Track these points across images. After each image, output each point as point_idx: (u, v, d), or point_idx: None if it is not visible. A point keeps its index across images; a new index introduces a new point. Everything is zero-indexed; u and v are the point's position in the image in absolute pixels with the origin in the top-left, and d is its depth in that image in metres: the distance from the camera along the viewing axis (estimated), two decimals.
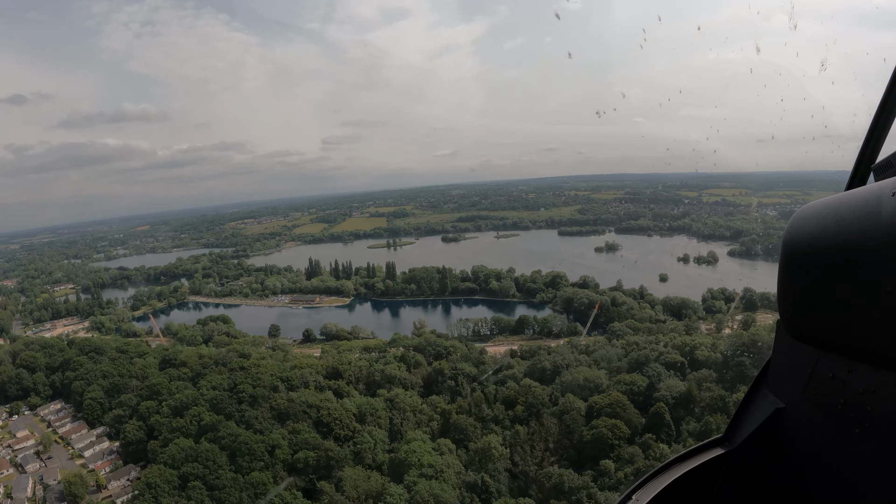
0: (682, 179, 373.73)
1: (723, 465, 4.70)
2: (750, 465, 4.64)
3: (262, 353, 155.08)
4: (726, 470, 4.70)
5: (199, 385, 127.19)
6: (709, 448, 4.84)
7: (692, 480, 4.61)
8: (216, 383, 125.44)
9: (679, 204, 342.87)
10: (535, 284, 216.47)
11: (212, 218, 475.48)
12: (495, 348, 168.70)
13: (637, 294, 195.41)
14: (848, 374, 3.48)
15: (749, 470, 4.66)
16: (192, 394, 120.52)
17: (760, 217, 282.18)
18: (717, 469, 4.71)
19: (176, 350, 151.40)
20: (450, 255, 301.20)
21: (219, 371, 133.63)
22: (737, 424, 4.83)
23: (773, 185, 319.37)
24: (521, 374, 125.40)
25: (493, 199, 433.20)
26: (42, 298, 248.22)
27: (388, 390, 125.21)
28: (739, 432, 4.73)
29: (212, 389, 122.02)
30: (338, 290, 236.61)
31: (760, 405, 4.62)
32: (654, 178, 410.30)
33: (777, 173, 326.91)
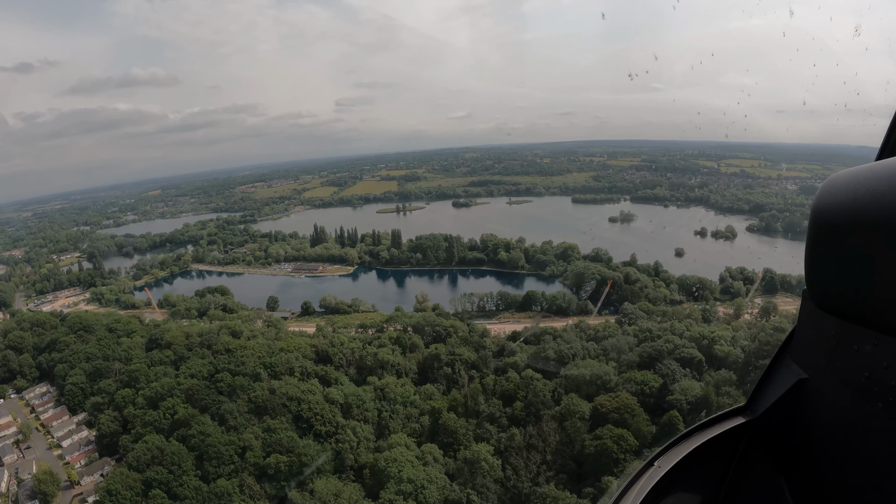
0: (700, 148, 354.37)
1: (744, 434, 4.71)
2: (771, 434, 4.62)
3: (254, 330, 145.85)
4: (748, 439, 4.72)
5: (181, 370, 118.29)
6: (731, 416, 4.81)
7: (714, 448, 4.62)
8: (197, 369, 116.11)
9: (697, 174, 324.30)
10: (545, 256, 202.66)
11: (223, 181, 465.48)
12: (500, 326, 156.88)
13: (652, 270, 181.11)
14: (873, 347, 3.41)
15: (770, 439, 4.64)
16: (168, 383, 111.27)
17: (781, 191, 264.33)
18: (739, 438, 4.72)
19: (164, 329, 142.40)
20: (460, 221, 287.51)
21: (202, 354, 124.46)
22: (759, 393, 4.78)
23: (794, 158, 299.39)
24: (524, 362, 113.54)
25: (507, 163, 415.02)
26: (46, 269, 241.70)
27: (380, 377, 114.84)
28: (762, 401, 4.70)
29: (190, 378, 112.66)
30: (342, 258, 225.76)
31: (783, 375, 4.56)
32: (671, 146, 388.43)
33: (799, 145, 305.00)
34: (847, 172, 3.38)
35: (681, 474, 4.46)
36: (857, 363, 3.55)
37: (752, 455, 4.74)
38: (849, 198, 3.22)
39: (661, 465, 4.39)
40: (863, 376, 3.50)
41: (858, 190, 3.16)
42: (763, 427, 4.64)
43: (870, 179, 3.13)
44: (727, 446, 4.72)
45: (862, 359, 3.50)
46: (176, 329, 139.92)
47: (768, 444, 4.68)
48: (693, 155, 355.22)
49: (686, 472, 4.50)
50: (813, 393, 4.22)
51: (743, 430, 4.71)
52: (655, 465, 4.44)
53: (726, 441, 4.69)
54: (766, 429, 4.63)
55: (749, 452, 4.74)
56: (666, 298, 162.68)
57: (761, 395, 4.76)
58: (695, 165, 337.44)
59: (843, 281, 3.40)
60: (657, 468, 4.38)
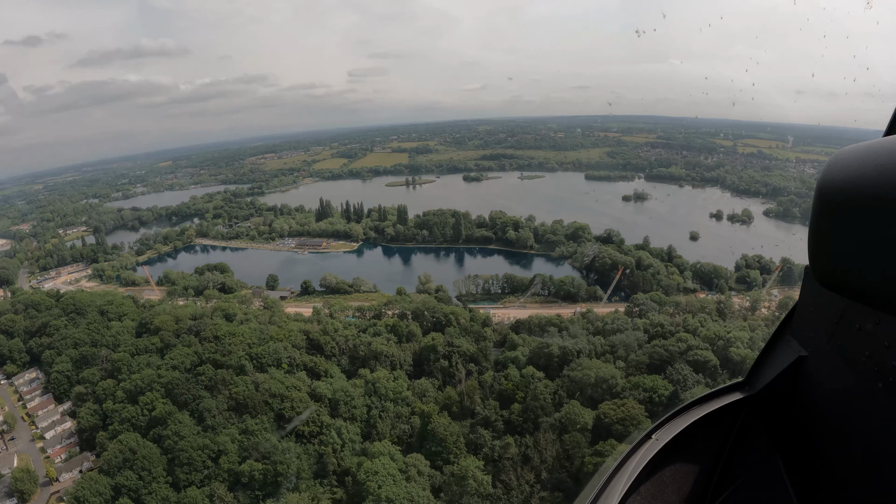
0: (716, 126, 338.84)
1: (742, 410, 4.71)
2: (769, 410, 4.61)
3: (248, 313, 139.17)
4: (745, 414, 4.72)
5: (165, 358, 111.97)
6: (729, 391, 4.80)
7: (711, 422, 4.63)
8: (181, 359, 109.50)
9: (713, 152, 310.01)
10: (555, 236, 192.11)
11: (234, 152, 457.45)
12: (505, 311, 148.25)
13: (665, 255, 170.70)
14: (875, 326, 3.33)
15: (768, 415, 4.63)
16: (150, 375, 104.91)
17: (798, 174, 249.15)
18: (737, 413, 4.72)
19: (154, 313, 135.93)
20: (470, 196, 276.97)
21: (189, 342, 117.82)
22: (758, 369, 4.76)
23: (812, 140, 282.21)
24: (525, 357, 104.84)
25: (520, 137, 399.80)
26: (51, 244, 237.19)
27: (373, 369, 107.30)
28: (761, 377, 4.67)
29: (172, 370, 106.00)
30: (346, 234, 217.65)
31: (783, 352, 4.53)
32: (687, 123, 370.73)
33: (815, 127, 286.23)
34: (854, 148, 3.29)
35: (678, 447, 4.44)
36: (857, 342, 3.49)
37: (749, 430, 4.72)
38: (856, 174, 3.12)
39: (659, 438, 4.38)
40: (863, 355, 3.44)
41: (866, 166, 3.06)
42: (761, 403, 4.60)
43: (878, 155, 3.03)
44: (725, 421, 4.71)
45: (863, 338, 3.43)
46: (166, 314, 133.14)
47: (766, 420, 4.64)
48: (709, 133, 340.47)
49: (683, 446, 4.48)
50: (812, 370, 4.19)
51: (741, 406, 4.68)
52: (653, 437, 4.43)
53: (724, 416, 4.66)
54: (764, 405, 4.59)
55: (747, 428, 4.72)
56: (679, 286, 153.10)
57: (760, 371, 4.70)
58: (711, 144, 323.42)
59: (847, 258, 3.33)
60: (655, 441, 4.37)
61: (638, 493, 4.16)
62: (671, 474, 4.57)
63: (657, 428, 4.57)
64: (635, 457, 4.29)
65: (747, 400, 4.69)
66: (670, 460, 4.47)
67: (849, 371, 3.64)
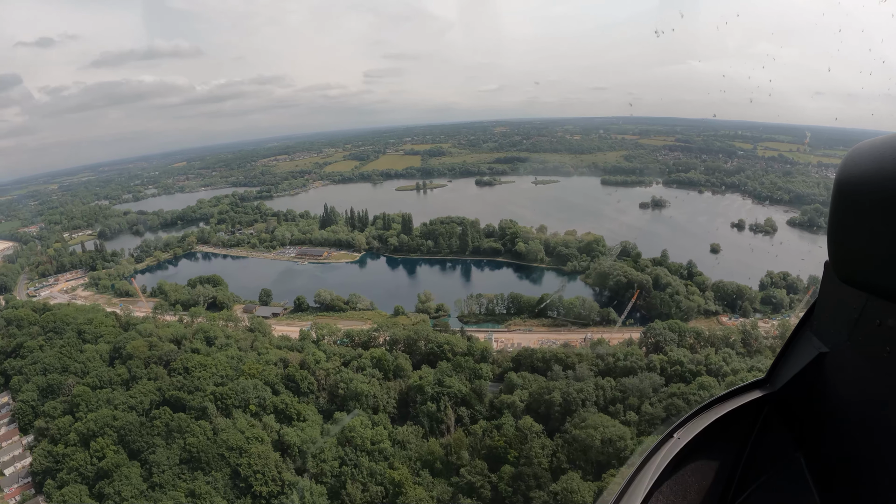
0: (735, 128, 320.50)
1: (763, 407, 4.64)
2: (791, 408, 4.54)
3: (231, 337, 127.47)
4: (767, 412, 4.65)
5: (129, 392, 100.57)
6: (750, 389, 4.73)
7: (732, 421, 4.54)
8: (140, 398, 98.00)
9: (732, 156, 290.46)
10: (567, 249, 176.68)
11: (249, 153, 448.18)
12: (509, 336, 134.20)
13: (684, 271, 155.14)
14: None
15: (789, 413, 4.56)
16: (105, 416, 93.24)
17: (822, 179, 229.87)
18: (758, 410, 4.65)
19: (128, 337, 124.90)
20: (481, 201, 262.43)
21: (156, 374, 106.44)
22: (779, 366, 4.68)
23: (832, 142, 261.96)
24: (523, 403, 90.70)
25: (536, 139, 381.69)
26: (53, 250, 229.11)
27: (351, 412, 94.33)
28: (781, 375, 4.60)
29: (129, 411, 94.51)
30: (349, 243, 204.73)
31: (804, 348, 4.40)
32: (705, 125, 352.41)
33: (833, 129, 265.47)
34: (872, 142, 3.22)
35: (700, 446, 4.35)
36: (878, 337, 3.40)
37: (770, 428, 4.62)
38: (874, 168, 3.05)
39: (681, 437, 4.31)
40: (884, 351, 3.36)
41: (885, 160, 2.99)
42: (782, 401, 4.52)
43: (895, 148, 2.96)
44: (746, 419, 4.61)
45: (884, 333, 3.34)
46: (141, 338, 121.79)
47: (787, 418, 4.56)
48: (728, 135, 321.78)
49: (705, 444, 4.39)
50: (833, 367, 4.06)
51: (762, 404, 4.60)
52: (675, 436, 4.35)
53: (745, 414, 4.57)
54: (785, 402, 4.52)
55: (768, 426, 4.63)
56: (700, 309, 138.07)
57: (781, 368, 4.61)
58: (730, 147, 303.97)
59: (866, 253, 3.26)
60: (677, 440, 4.29)
61: (660, 492, 4.05)
62: (693, 472, 4.42)
63: (679, 426, 4.43)
64: (658, 455, 4.17)
65: (768, 398, 4.57)
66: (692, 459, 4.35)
67: (870, 367, 3.58)
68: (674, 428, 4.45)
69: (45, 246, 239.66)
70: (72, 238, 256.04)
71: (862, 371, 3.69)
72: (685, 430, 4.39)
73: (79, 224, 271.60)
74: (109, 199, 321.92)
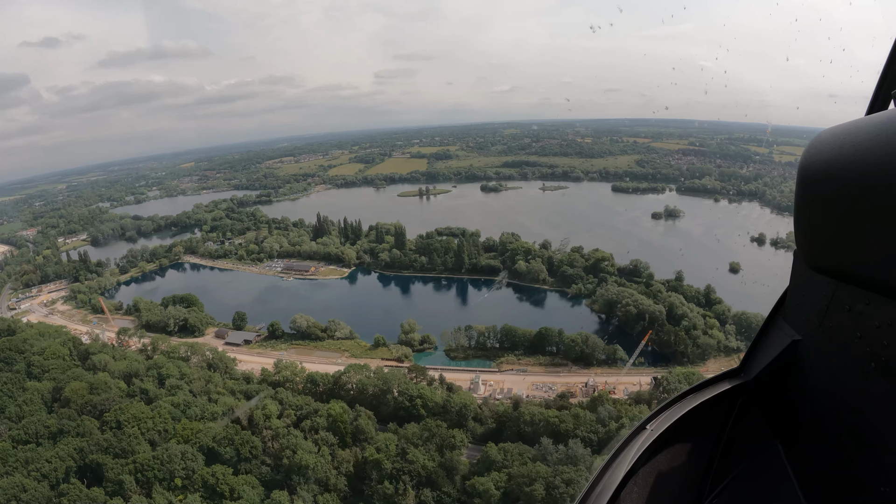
0: (749, 131, 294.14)
1: (738, 397, 4.57)
2: (766, 396, 4.47)
3: (186, 375, 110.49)
4: (742, 401, 4.58)
5: (48, 454, 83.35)
6: (724, 379, 4.67)
7: (707, 411, 4.47)
8: (57, 463, 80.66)
9: (748, 161, 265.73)
10: (572, 269, 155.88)
11: (256, 154, 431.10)
12: (499, 378, 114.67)
13: (702, 297, 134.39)
14: (865, 306, 3.18)
15: (764, 401, 4.51)
16: (12, 487, 76.25)
17: None
18: (732, 400, 4.58)
19: (73, 374, 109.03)
20: (484, 210, 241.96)
21: (84, 429, 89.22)
22: (752, 356, 4.62)
23: None
24: (499, 492, 71.14)
25: (546, 142, 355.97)
26: (42, 256, 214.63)
27: (296, 485, 75.90)
28: (755, 364, 4.53)
29: (41, 480, 77.44)
30: (338, 257, 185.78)
31: (776, 337, 4.38)
32: (719, 127, 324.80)
33: None
34: (833, 129, 3.15)
35: (674, 437, 4.29)
36: (849, 323, 3.34)
37: (746, 417, 4.55)
38: (835, 154, 3.00)
39: (654, 429, 4.20)
40: (855, 336, 3.29)
41: (844, 146, 2.92)
42: (757, 389, 4.44)
43: (855, 135, 2.89)
44: (721, 409, 4.54)
45: (854, 319, 3.28)
46: (78, 384, 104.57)
47: (763, 406, 4.49)
48: (743, 139, 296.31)
49: (679, 435, 4.33)
50: (806, 354, 4.05)
51: (737, 393, 4.53)
52: (648, 428, 4.24)
53: (720, 404, 4.51)
54: (760, 391, 4.44)
55: (744, 415, 4.56)
56: (720, 345, 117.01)
57: (754, 357, 4.56)
58: (745, 151, 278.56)
59: (832, 240, 3.23)
60: (650, 431, 4.19)
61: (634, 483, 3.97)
62: (668, 462, 4.32)
63: (651, 418, 4.32)
64: (631, 447, 4.07)
65: (743, 387, 4.49)
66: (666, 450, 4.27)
67: (842, 352, 3.52)
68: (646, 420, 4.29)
69: (36, 252, 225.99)
70: (65, 244, 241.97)
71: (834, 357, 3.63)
72: (658, 421, 4.24)
73: (74, 228, 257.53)
74: (111, 202, 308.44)
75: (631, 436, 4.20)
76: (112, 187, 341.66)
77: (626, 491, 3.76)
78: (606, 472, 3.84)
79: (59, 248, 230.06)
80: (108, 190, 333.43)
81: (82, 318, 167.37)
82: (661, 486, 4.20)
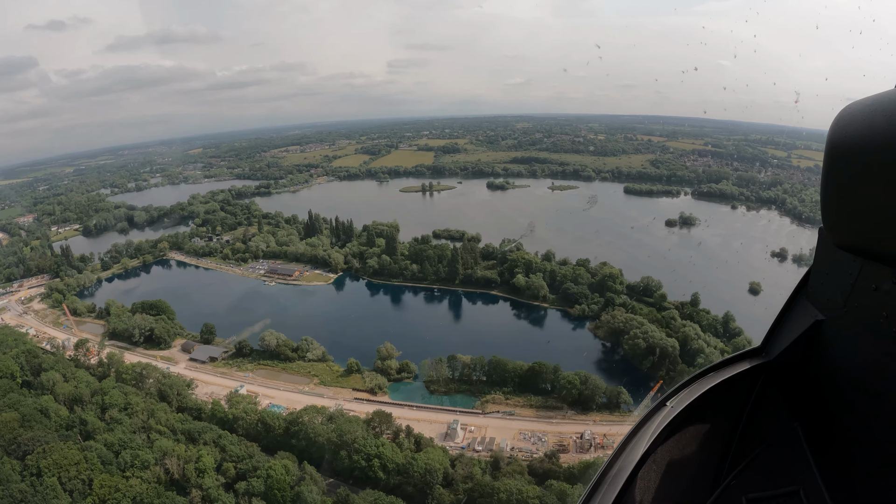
0: (766, 132, 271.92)
1: (759, 376, 4.40)
2: (787, 376, 4.29)
3: (129, 406, 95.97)
4: (763, 381, 4.42)
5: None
6: (745, 358, 4.50)
7: (727, 389, 4.30)
8: None
9: (766, 165, 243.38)
10: (576, 286, 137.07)
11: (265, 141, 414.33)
12: (482, 422, 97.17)
13: (720, 327, 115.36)
14: (893, 285, 3.02)
15: (786, 381, 4.33)
16: None
17: None
18: (754, 379, 4.41)
19: (7, 402, 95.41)
20: (488, 210, 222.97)
21: (5, 474, 74.73)
22: (775, 335, 4.41)
23: None
24: None
25: (558, 137, 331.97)
26: (29, 248, 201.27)
27: None
28: (777, 343, 4.34)
29: None
30: (325, 261, 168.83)
31: (799, 316, 4.16)
32: (735, 127, 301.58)
33: None
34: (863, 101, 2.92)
35: (693, 414, 4.14)
36: (875, 302, 3.16)
37: (766, 397, 4.37)
38: (864, 126, 2.78)
39: (674, 406, 4.08)
40: (881, 316, 3.11)
41: (875, 117, 2.71)
42: (778, 369, 4.26)
43: (886, 105, 2.68)
44: (741, 388, 4.36)
45: (880, 298, 3.11)
46: (12, 411, 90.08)
47: (783, 387, 4.32)
48: (759, 140, 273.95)
49: (699, 413, 4.18)
50: (829, 334, 3.82)
51: (758, 372, 4.34)
52: (668, 405, 4.14)
53: (740, 383, 4.32)
54: (781, 371, 4.25)
55: (764, 394, 4.38)
56: None
57: (777, 336, 4.33)
58: (762, 154, 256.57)
59: (860, 216, 3.02)
60: (670, 408, 4.07)
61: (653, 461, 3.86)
62: (687, 441, 4.21)
63: (671, 395, 4.22)
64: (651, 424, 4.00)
65: (764, 366, 4.30)
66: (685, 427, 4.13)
67: (866, 333, 3.35)
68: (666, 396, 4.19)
69: (27, 240, 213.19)
70: (58, 233, 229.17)
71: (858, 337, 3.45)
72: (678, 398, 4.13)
73: (70, 217, 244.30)
74: (113, 188, 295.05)
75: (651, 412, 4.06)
76: (117, 172, 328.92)
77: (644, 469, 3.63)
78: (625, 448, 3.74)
79: (49, 239, 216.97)
80: (113, 175, 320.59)
81: (55, 319, 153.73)
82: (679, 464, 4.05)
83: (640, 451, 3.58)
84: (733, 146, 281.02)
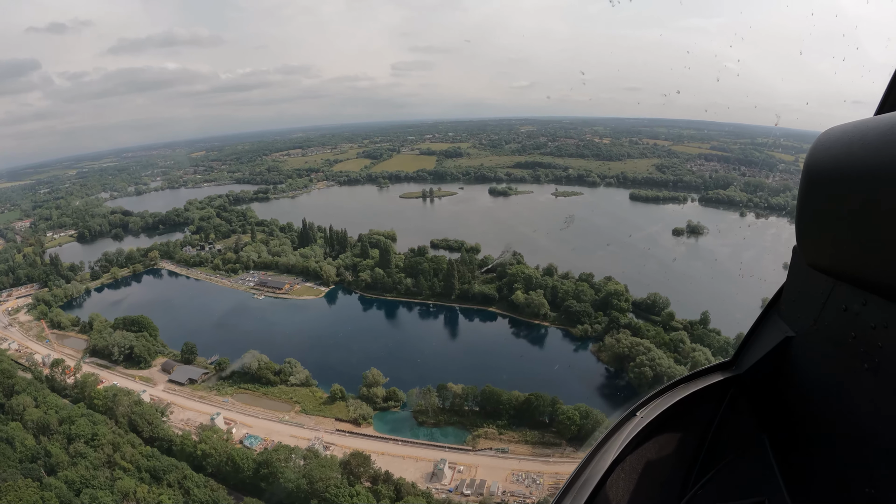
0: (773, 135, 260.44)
1: (728, 389, 4.45)
2: (756, 390, 4.33)
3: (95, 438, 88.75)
4: (732, 394, 4.45)
5: None
6: (716, 371, 4.56)
7: (697, 402, 4.36)
8: None
9: (773, 170, 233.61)
10: (578, 304, 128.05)
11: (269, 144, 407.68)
12: (472, 460, 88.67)
13: (731, 350, 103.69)
14: (862, 306, 3.04)
15: (754, 395, 4.37)
16: None
17: None
18: (723, 392, 4.45)
19: None
20: (489, 218, 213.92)
21: None
22: (746, 349, 4.49)
23: None
24: None
25: (562, 141, 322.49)
26: (21, 255, 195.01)
27: None
28: (748, 357, 4.42)
29: None
30: (316, 273, 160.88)
31: (771, 332, 4.23)
32: (741, 130, 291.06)
33: None
34: (842, 126, 2.97)
35: (663, 425, 4.18)
36: (844, 322, 3.21)
37: (735, 410, 4.42)
38: (842, 152, 2.83)
39: (644, 416, 4.10)
40: (849, 336, 3.16)
41: (853, 144, 2.76)
42: (748, 383, 4.32)
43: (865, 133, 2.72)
44: (711, 400, 4.41)
45: (850, 318, 3.15)
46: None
47: (752, 400, 4.36)
48: (766, 143, 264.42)
49: (668, 424, 4.21)
50: (799, 351, 3.90)
51: (727, 385, 4.40)
52: (638, 415, 4.14)
53: (710, 395, 4.38)
54: (750, 384, 4.31)
55: (733, 407, 4.42)
56: None
57: (747, 350, 4.43)
58: (770, 158, 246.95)
59: (833, 238, 3.08)
60: (640, 419, 4.09)
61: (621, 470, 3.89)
62: (656, 450, 4.21)
63: (641, 406, 4.22)
64: (620, 433, 3.99)
65: (734, 379, 4.36)
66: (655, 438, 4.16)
67: (835, 352, 3.38)
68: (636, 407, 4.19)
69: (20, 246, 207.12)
70: (52, 238, 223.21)
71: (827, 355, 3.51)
72: (648, 409, 4.14)
73: (66, 222, 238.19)
74: (113, 192, 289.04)
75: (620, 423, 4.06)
76: (119, 176, 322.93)
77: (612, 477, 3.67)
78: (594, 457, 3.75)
79: (43, 245, 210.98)
80: (114, 179, 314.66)
81: (39, 332, 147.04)
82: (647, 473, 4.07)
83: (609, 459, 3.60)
84: (739, 150, 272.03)
